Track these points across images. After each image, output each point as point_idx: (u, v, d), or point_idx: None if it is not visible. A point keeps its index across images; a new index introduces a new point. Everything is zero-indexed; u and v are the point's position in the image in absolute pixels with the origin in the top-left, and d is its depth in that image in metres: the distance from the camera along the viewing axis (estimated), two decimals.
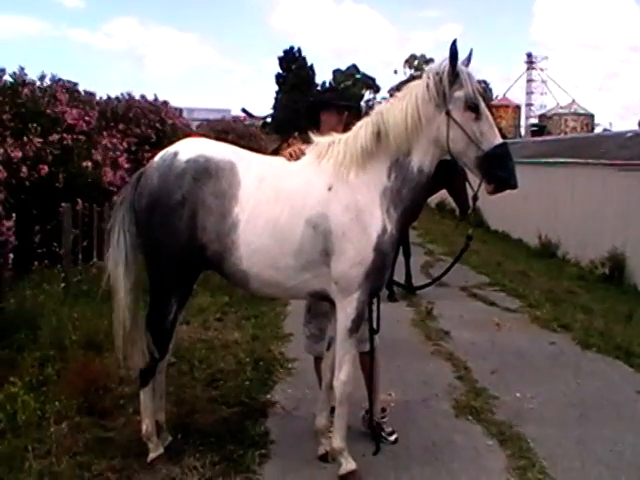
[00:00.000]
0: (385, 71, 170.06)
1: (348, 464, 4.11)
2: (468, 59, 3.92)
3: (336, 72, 69.58)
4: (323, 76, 75.27)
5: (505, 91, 69.31)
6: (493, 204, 16.67)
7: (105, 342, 6.31)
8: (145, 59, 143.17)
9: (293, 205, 3.90)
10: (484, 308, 8.98)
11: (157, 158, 4.14)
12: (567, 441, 4.73)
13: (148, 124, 14.64)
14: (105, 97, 14.83)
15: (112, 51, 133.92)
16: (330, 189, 3.92)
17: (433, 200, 20.05)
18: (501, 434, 4.81)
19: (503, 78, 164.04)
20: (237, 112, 41.28)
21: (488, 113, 3.87)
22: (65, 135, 9.58)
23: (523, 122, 66.33)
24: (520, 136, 50.63)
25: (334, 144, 4.04)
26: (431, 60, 72.06)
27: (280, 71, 65.29)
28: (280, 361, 6.33)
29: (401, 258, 9.65)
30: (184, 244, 3.94)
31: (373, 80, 68.52)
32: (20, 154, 8.45)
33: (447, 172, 9.51)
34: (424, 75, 3.94)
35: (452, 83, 3.79)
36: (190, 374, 5.88)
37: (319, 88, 64.95)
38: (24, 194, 8.39)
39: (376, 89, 67.86)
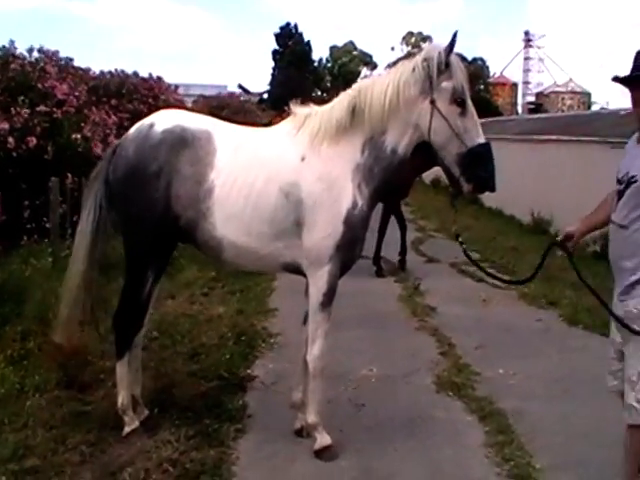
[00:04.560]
0: (383, 47, 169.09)
1: (323, 439, 4.07)
2: (451, 44, 3.72)
3: (333, 48, 68.98)
4: (320, 52, 74.52)
5: (502, 69, 68.94)
6: None
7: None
8: (142, 34, 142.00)
9: (267, 172, 3.86)
10: (472, 284, 8.91)
11: (132, 130, 4.10)
12: (549, 417, 4.68)
13: (141, 99, 14.59)
14: (98, 72, 14.81)
15: (109, 25, 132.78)
16: (303, 159, 3.88)
17: (428, 176, 19.91)
18: (481, 410, 4.77)
19: (500, 56, 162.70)
20: (234, 88, 41.11)
21: (474, 110, 3.80)
22: (55, 109, 9.45)
23: (520, 100, 66.16)
24: (517, 114, 50.36)
25: (311, 116, 3.99)
26: (428, 37, 71.52)
27: (277, 47, 64.78)
28: (262, 335, 6.29)
29: (396, 234, 9.61)
30: (160, 215, 3.90)
31: (370, 57, 67.97)
32: (7, 126, 8.33)
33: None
34: (414, 58, 3.85)
35: (441, 72, 3.70)
36: (172, 348, 5.84)
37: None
38: (12, 168, 8.31)
39: (373, 66, 67.24)
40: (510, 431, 4.45)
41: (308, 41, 64.90)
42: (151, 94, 15.10)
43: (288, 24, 66.55)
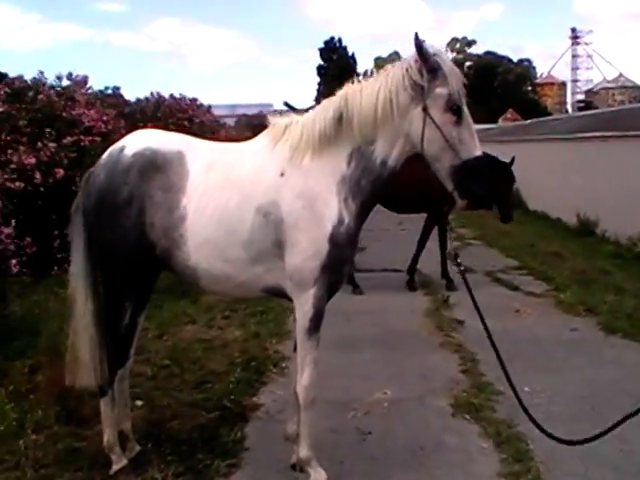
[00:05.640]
0: None
1: (317, 474, 3.75)
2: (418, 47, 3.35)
3: (377, 60, 68.83)
4: (365, 64, 74.50)
5: (550, 68, 67.55)
6: (532, 183, 16.14)
7: None
8: (188, 58, 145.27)
9: (243, 192, 3.58)
10: (506, 293, 8.46)
11: (105, 154, 3.90)
12: None
13: (176, 122, 14.70)
14: (135, 99, 15.04)
15: (156, 52, 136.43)
16: (282, 175, 3.58)
17: None
18: (498, 435, 4.38)
19: (547, 55, 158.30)
20: (279, 106, 41.40)
21: (470, 119, 3.47)
22: (82, 137, 9.46)
23: (569, 99, 64.53)
24: (566, 113, 49.06)
25: (290, 127, 3.69)
26: (473, 42, 70.75)
27: (321, 62, 65.11)
28: (274, 360, 5.98)
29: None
30: (133, 243, 3.68)
31: None
32: (34, 160, 8.34)
33: (495, 172, 8.99)
34: (403, 60, 3.53)
35: (433, 77, 3.38)
36: (180, 377, 5.62)
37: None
38: (41, 200, 8.34)
39: None
40: (528, 458, 4.06)
41: (352, 54, 65.16)
42: (186, 116, 15.19)
43: (332, 38, 66.98)
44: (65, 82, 11.03)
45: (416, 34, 3.33)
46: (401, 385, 5.33)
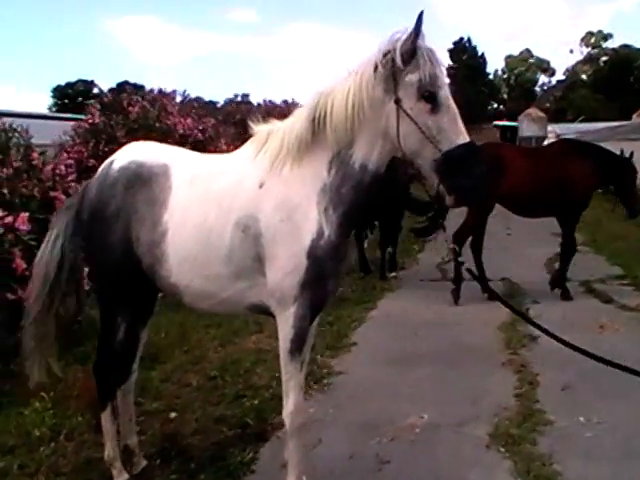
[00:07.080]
0: (561, 51, 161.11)
1: None
2: (417, 28, 2.98)
3: (508, 58, 66.50)
4: (495, 64, 72.48)
5: None
6: None
7: (160, 355, 6.17)
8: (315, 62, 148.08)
9: (222, 206, 3.37)
10: (596, 306, 7.67)
11: (100, 168, 3.84)
12: None
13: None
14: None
15: (289, 58, 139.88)
16: (261, 186, 3.32)
17: None
18: (528, 473, 3.86)
19: None
20: None
21: (452, 104, 3.04)
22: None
23: None
24: None
25: (272, 134, 3.41)
26: (609, 36, 66.53)
27: (451, 63, 63.87)
28: (318, 375, 5.69)
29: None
30: (120, 258, 3.58)
31: (548, 63, 64.55)
32: None
33: (617, 168, 8.29)
34: (374, 50, 3.16)
35: (406, 63, 3.01)
36: (222, 389, 5.49)
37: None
38: None
39: (551, 72, 63.90)
40: None
41: (482, 54, 63.47)
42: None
43: (461, 39, 65.66)
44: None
45: (420, 14, 2.94)
46: (443, 408, 4.89)
